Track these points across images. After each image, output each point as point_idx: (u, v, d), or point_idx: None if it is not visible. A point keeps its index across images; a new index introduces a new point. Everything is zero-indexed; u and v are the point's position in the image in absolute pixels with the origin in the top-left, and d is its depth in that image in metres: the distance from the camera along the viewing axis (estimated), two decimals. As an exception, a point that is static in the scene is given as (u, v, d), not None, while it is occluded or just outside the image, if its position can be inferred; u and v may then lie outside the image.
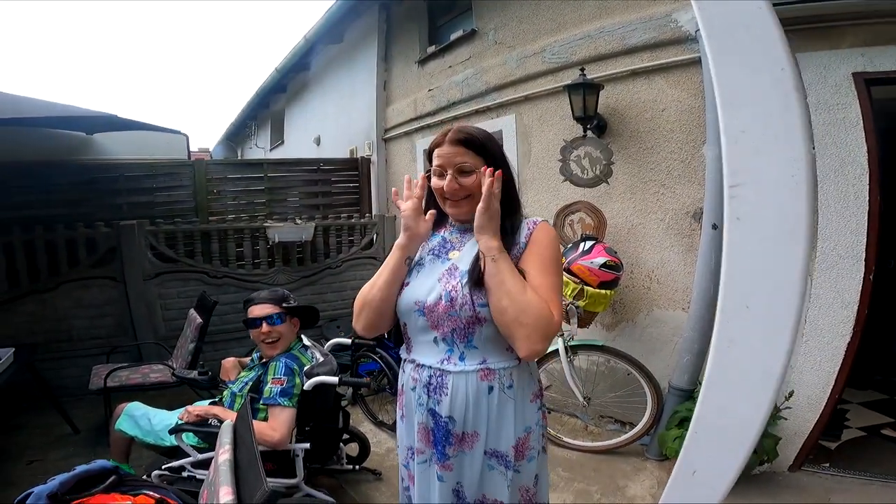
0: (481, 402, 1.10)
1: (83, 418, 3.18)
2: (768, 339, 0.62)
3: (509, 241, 1.12)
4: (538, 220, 1.17)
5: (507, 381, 1.11)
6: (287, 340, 2.08)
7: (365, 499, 2.37)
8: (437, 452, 1.14)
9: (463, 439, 1.12)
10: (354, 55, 5.59)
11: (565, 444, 2.81)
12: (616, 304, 3.00)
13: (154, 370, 3.19)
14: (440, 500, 1.15)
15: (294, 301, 2.15)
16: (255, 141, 10.52)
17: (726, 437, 0.72)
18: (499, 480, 1.13)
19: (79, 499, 1.22)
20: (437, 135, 1.17)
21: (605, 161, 2.88)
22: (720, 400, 0.70)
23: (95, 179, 3.99)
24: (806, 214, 0.59)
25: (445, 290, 1.10)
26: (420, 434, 1.16)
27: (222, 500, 1.12)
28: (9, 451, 2.85)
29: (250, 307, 2.08)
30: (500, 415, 1.11)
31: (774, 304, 0.62)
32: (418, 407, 1.16)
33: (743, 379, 0.66)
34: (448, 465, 1.13)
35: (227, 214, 4.44)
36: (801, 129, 0.59)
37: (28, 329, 3.50)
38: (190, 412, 1.95)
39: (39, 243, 3.54)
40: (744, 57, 0.64)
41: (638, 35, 2.73)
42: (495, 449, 1.12)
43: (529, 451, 1.15)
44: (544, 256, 1.11)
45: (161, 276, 3.89)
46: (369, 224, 4.73)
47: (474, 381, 1.10)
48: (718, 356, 0.67)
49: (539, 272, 1.08)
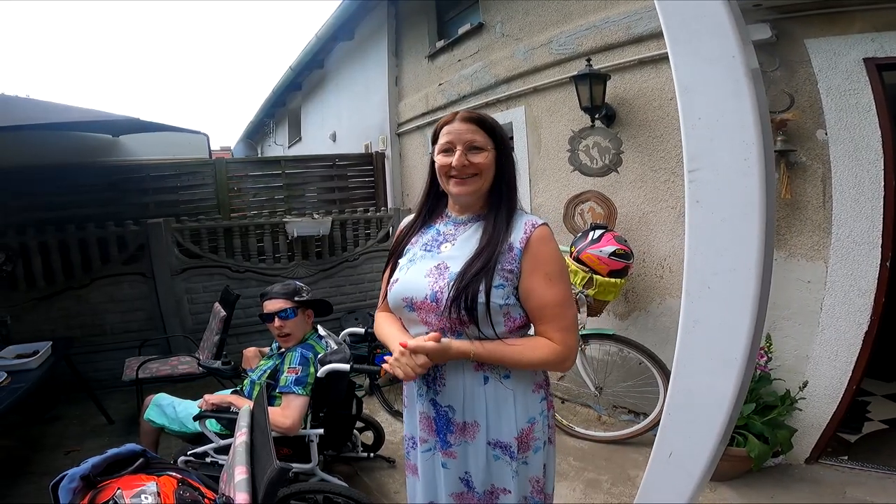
0: (478, 392, 1.11)
1: (117, 409, 3.35)
2: (729, 318, 0.65)
3: (502, 237, 1.09)
4: (537, 223, 1.10)
5: (502, 371, 1.11)
6: (301, 332, 2.13)
7: (379, 486, 2.45)
8: (440, 440, 1.15)
9: (465, 429, 1.13)
10: (366, 51, 5.65)
11: (577, 434, 2.84)
12: (628, 293, 2.99)
13: (182, 362, 3.32)
14: (446, 487, 1.16)
15: (307, 294, 2.19)
16: (273, 138, 10.72)
17: (698, 418, 0.74)
18: (505, 470, 1.13)
19: (109, 479, 1.31)
20: (445, 116, 1.17)
21: (614, 150, 2.87)
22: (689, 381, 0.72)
23: (123, 180, 4.15)
24: (758, 196, 0.61)
25: (432, 291, 1.09)
26: (422, 423, 1.17)
27: (237, 479, 1.20)
28: (47, 441, 3.01)
29: (264, 302, 2.14)
30: (499, 405, 1.11)
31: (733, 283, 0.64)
32: (419, 397, 1.17)
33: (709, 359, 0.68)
34: (451, 453, 1.14)
35: (247, 210, 4.58)
36: (753, 114, 0.61)
37: (64, 324, 3.69)
38: (206, 400, 2.05)
39: (73, 242, 3.71)
40: (698, 46, 0.66)
41: (644, 24, 2.70)
42: (498, 439, 1.12)
43: (535, 442, 1.15)
44: (549, 271, 1.07)
45: (187, 272, 4.05)
46: (385, 217, 4.80)
47: (470, 372, 1.11)
48: (685, 337, 0.69)
49: (546, 286, 1.07)
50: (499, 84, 3.76)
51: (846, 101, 2.12)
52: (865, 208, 2.15)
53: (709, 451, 0.75)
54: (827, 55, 2.14)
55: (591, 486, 2.37)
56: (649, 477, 0.84)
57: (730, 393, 0.68)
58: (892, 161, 2.07)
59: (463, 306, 1.04)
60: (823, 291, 2.29)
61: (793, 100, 2.24)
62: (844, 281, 2.23)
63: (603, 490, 2.34)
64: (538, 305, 1.08)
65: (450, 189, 1.15)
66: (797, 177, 2.30)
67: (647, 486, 0.86)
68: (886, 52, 2.00)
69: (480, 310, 1.05)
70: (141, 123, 3.82)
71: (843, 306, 2.25)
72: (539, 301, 1.07)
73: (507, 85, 3.68)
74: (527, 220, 1.11)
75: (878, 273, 2.15)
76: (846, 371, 2.26)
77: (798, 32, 2.20)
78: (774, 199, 0.72)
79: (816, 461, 2.37)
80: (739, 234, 0.62)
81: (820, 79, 2.17)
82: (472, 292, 1.05)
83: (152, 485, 1.23)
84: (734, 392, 0.68)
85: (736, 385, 0.67)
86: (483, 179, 1.11)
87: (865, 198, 2.14)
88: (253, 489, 1.15)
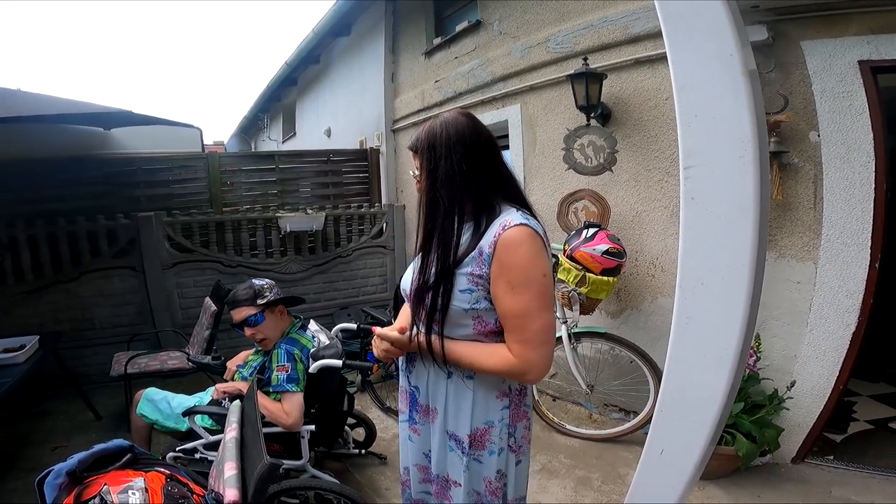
0: (440, 383, 1.16)
1: (105, 404, 3.31)
2: (723, 315, 0.65)
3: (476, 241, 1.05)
4: (509, 224, 1.02)
5: (466, 371, 1.12)
6: (278, 330, 2.08)
7: (370, 482, 2.44)
8: (410, 415, 1.26)
9: (427, 411, 1.21)
10: (362, 47, 5.62)
11: (568, 432, 2.85)
12: (621, 292, 3.01)
13: (172, 357, 3.30)
14: (412, 457, 1.27)
15: (270, 292, 2.08)
16: (267, 133, 10.65)
17: (690, 415, 0.74)
18: (456, 462, 1.16)
19: (96, 475, 1.29)
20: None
21: (608, 149, 2.87)
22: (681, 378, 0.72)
23: (114, 173, 4.11)
24: (754, 193, 0.61)
25: (412, 287, 1.17)
26: (402, 396, 1.30)
27: (226, 475, 1.19)
28: (34, 437, 2.98)
29: (231, 311, 2.06)
30: (458, 401, 1.14)
31: (727, 280, 0.64)
32: (402, 372, 1.28)
33: (701, 356, 0.68)
34: (416, 430, 1.25)
35: (240, 205, 4.55)
36: (749, 113, 0.61)
37: (52, 318, 3.64)
38: (218, 389, 2.03)
39: (62, 235, 3.66)
40: (697, 44, 0.66)
41: (641, 24, 2.71)
42: (454, 432, 1.16)
43: (490, 445, 1.14)
44: (511, 279, 1.01)
45: (178, 266, 4.01)
46: (379, 213, 4.79)
47: (436, 364, 1.15)
48: (678, 334, 0.69)
49: (507, 296, 1.02)
50: (495, 82, 3.75)
51: (840, 104, 2.14)
52: (856, 210, 2.17)
53: (700, 448, 0.75)
54: (822, 57, 2.15)
55: (581, 484, 2.39)
56: (640, 475, 0.84)
57: (721, 390, 0.68)
58: (884, 163, 2.09)
59: (423, 305, 1.11)
60: (812, 292, 2.31)
61: (787, 101, 2.26)
62: (833, 282, 2.25)
63: (594, 488, 2.36)
64: (501, 314, 1.06)
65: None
66: (789, 178, 2.32)
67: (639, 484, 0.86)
68: (882, 54, 2.01)
69: (439, 311, 1.09)
70: (133, 116, 3.76)
71: (832, 307, 2.27)
72: (500, 309, 1.05)
73: (504, 83, 3.68)
74: (502, 221, 1.04)
75: (867, 274, 2.17)
76: (833, 371, 2.29)
77: (794, 34, 2.21)
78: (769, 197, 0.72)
79: (803, 461, 2.40)
80: (734, 232, 0.62)
81: (814, 81, 2.18)
82: (432, 294, 1.09)
83: (140, 480, 1.21)
84: (726, 389, 0.68)
85: (728, 382, 0.67)
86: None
87: (856, 199, 2.16)
88: (243, 485, 1.14)
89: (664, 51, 0.70)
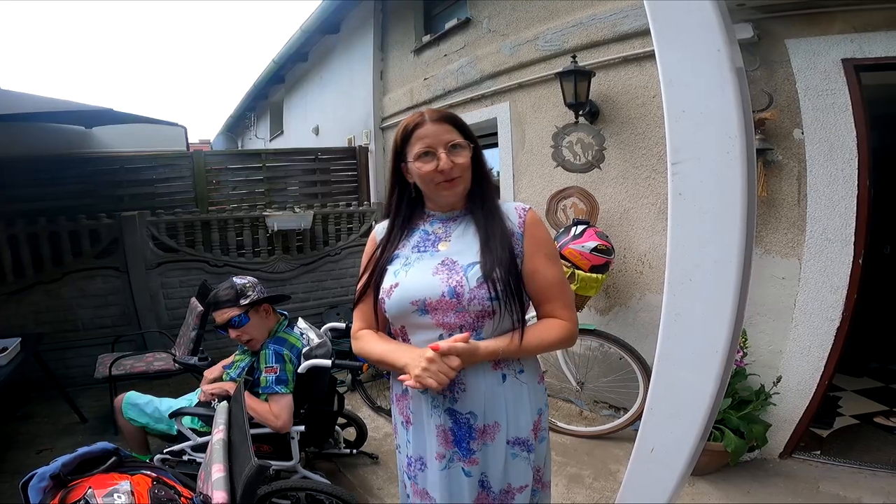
0: (497, 392, 1.08)
1: (90, 407, 3.25)
2: (711, 311, 0.65)
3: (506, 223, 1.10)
4: (526, 208, 1.13)
5: (517, 366, 1.11)
6: (265, 330, 2.02)
7: (361, 482, 2.43)
8: (461, 450, 1.08)
9: (485, 431, 1.08)
10: (351, 45, 5.58)
11: (559, 430, 2.86)
12: (609, 289, 3.02)
13: (158, 358, 3.25)
14: (469, 497, 1.09)
15: (254, 291, 2.01)
16: (254, 132, 10.54)
17: (679, 413, 0.74)
18: (523, 466, 1.11)
19: (80, 478, 1.27)
20: (407, 120, 1.13)
21: (597, 147, 2.89)
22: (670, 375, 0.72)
23: (96, 172, 4.02)
24: (741, 189, 0.62)
25: (448, 286, 1.04)
26: (439, 437, 1.08)
27: (214, 477, 1.17)
28: (18, 440, 2.92)
29: (213, 313, 1.99)
30: (517, 402, 1.10)
31: (715, 276, 0.64)
32: (433, 410, 1.08)
33: (690, 352, 0.68)
34: (474, 460, 1.08)
35: (227, 204, 4.48)
36: (737, 108, 0.61)
37: (34, 319, 3.57)
38: (205, 391, 1.99)
39: (43, 235, 3.59)
40: (684, 39, 0.66)
41: (629, 22, 2.72)
42: (517, 436, 1.10)
43: (541, 433, 1.15)
44: (548, 251, 1.12)
45: (163, 266, 3.95)
46: (368, 212, 4.76)
47: (489, 374, 1.07)
48: (667, 330, 0.69)
49: (548, 266, 1.10)
50: (484, 79, 3.75)
51: (823, 101, 2.17)
52: (839, 206, 2.20)
53: (690, 446, 0.76)
54: (806, 55, 2.18)
55: (573, 481, 2.39)
56: (631, 474, 0.84)
57: (711, 386, 0.68)
58: (867, 161, 2.12)
59: (493, 294, 1.02)
60: (797, 288, 2.34)
61: (772, 99, 2.29)
62: (818, 277, 2.28)
63: (585, 485, 2.37)
64: (543, 285, 1.09)
65: (441, 194, 1.12)
66: (773, 175, 2.35)
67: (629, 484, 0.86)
68: (865, 52, 2.04)
69: (509, 294, 1.03)
70: (115, 114, 3.70)
71: (816, 302, 2.30)
72: (543, 281, 1.09)
73: (493, 80, 3.68)
74: (515, 206, 1.14)
75: (851, 270, 2.20)
76: (818, 366, 2.31)
77: (779, 32, 2.24)
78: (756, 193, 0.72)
79: (790, 456, 2.42)
80: (721, 227, 0.62)
81: (798, 78, 2.21)
82: (502, 277, 1.03)
83: (125, 483, 1.19)
84: (715, 385, 0.68)
85: (717, 378, 0.67)
86: (466, 178, 1.11)
87: (839, 196, 2.19)
88: (231, 487, 1.12)
89: (652, 49, 0.70)
